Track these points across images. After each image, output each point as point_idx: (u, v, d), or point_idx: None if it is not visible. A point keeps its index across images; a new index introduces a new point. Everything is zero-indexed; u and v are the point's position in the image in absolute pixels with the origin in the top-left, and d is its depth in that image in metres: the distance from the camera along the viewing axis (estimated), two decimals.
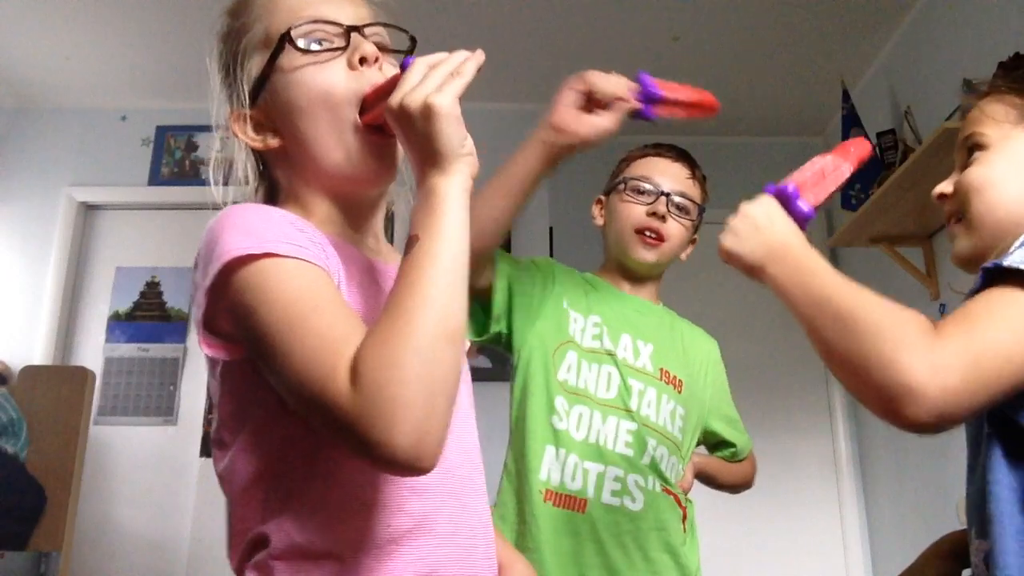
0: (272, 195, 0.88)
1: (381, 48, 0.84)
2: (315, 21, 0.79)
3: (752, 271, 0.92)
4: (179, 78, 3.00)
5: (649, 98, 1.04)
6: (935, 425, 0.74)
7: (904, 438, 2.80)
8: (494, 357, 2.95)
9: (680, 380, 1.38)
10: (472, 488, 0.82)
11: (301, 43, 0.79)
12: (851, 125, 2.69)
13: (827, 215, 3.44)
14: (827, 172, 0.99)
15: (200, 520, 2.83)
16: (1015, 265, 0.79)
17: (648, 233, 1.39)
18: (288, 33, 0.78)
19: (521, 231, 3.13)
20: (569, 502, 1.24)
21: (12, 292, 3.12)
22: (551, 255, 3.14)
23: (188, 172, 3.25)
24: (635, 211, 1.40)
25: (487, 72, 0.73)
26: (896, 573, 1.03)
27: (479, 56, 0.73)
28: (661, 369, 1.36)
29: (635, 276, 1.45)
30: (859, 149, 1.02)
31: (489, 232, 1.13)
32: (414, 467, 0.63)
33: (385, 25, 0.87)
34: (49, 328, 3.04)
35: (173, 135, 3.30)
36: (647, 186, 1.41)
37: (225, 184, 0.88)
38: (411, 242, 0.68)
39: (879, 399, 0.76)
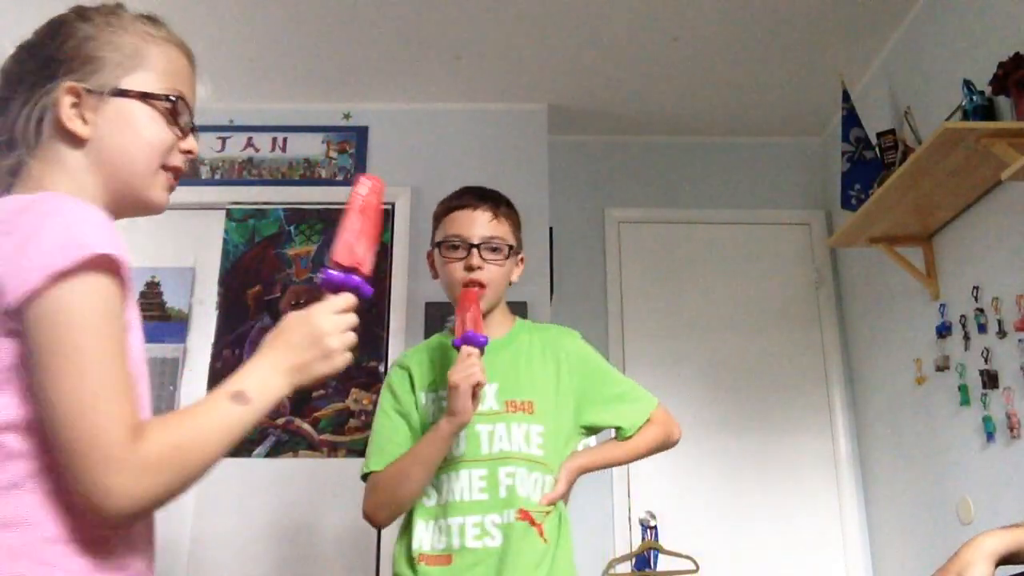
0: (12, 174, 0.92)
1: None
2: (182, 104, 0.96)
3: None
4: None
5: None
6: None
7: (904, 438, 2.79)
8: None
9: (529, 402, 1.52)
10: None
11: (183, 120, 0.96)
12: (851, 125, 2.69)
13: (827, 215, 3.44)
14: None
15: (200, 520, 2.83)
16: None
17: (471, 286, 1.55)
18: (180, 99, 0.95)
19: (523, 233, 3.13)
20: (437, 560, 1.46)
21: None
22: (551, 255, 3.14)
23: (188, 172, 3.23)
24: (455, 270, 1.55)
25: (488, 72, 0.73)
26: (896, 573, 1.03)
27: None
28: (507, 402, 1.52)
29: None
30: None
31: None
32: None
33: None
34: None
35: None
36: (457, 243, 1.56)
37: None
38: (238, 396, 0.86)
39: None
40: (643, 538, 2.88)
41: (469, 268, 1.54)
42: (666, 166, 3.52)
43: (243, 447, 2.87)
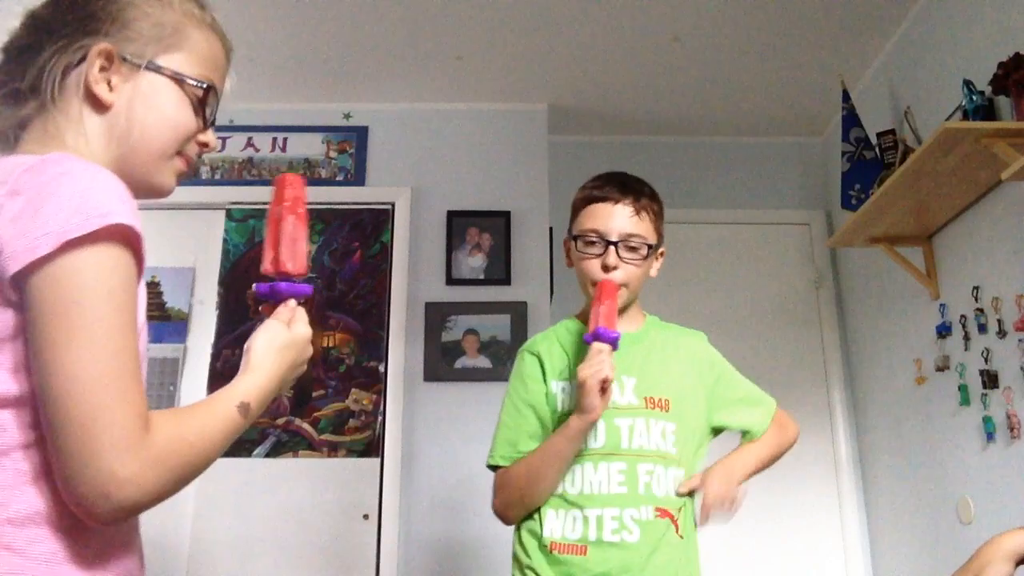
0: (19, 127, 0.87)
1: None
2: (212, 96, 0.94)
3: None
4: None
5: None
6: None
7: (904, 438, 2.79)
8: (495, 358, 2.95)
9: (666, 400, 1.50)
10: None
11: (209, 110, 0.93)
12: (851, 125, 2.69)
13: (827, 215, 3.44)
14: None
15: (200, 520, 2.83)
16: None
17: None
18: (212, 88, 0.93)
19: (521, 232, 3.14)
20: (570, 549, 1.42)
21: None
22: (551, 255, 3.13)
23: (192, 169, 3.25)
24: (591, 267, 1.51)
25: (488, 72, 0.73)
26: (896, 573, 1.03)
27: None
28: (646, 398, 1.49)
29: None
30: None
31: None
32: None
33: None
34: None
35: None
36: (594, 239, 1.51)
37: None
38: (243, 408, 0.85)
39: None
40: None
41: (605, 268, 1.49)
42: (666, 166, 3.52)
43: (243, 447, 2.87)
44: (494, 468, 1.52)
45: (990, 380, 2.25)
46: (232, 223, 3.15)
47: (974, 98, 2.17)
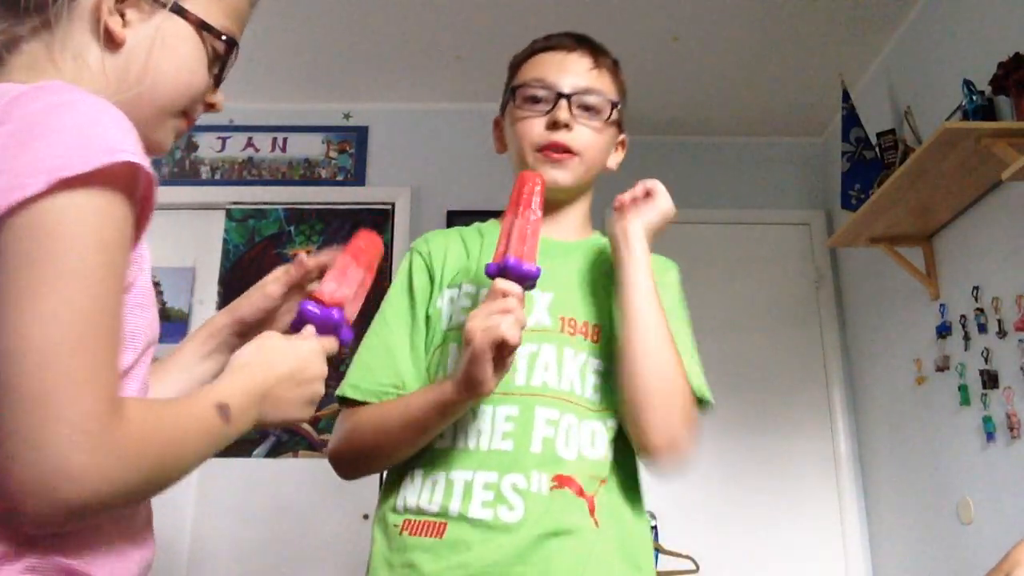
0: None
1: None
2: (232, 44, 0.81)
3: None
4: None
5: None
6: None
7: (904, 438, 2.79)
8: None
9: (594, 326, 1.07)
10: None
11: (224, 69, 0.81)
12: (851, 125, 2.69)
13: (827, 215, 3.44)
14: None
15: (200, 520, 2.83)
16: None
17: (554, 149, 1.11)
18: (235, 44, 0.81)
19: None
20: (425, 528, 0.99)
21: None
22: None
23: (188, 172, 3.25)
24: (533, 126, 1.12)
25: (488, 72, 0.73)
26: (896, 573, 1.03)
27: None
28: (563, 318, 1.06)
29: (552, 207, 1.13)
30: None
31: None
32: None
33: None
34: None
35: None
36: (541, 91, 1.13)
37: None
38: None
39: None
40: None
41: (555, 124, 1.10)
42: (666, 166, 3.52)
43: (243, 447, 2.87)
44: (343, 401, 1.09)
45: (990, 380, 2.25)
46: (232, 223, 3.15)
47: (974, 98, 2.17)
